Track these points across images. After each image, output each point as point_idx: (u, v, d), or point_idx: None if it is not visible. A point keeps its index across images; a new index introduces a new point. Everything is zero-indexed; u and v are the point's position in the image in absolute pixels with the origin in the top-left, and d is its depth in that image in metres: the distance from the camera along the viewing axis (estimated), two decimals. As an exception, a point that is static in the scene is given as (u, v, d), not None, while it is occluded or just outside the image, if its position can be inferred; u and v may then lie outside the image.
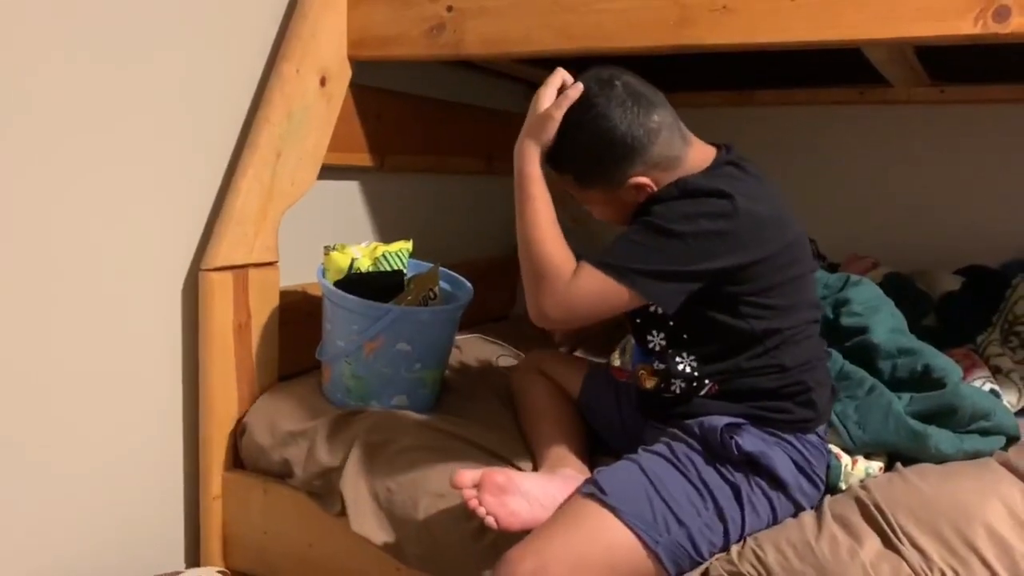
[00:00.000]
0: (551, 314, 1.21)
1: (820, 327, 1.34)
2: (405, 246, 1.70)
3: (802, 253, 1.27)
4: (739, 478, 1.19)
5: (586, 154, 1.25)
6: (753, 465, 1.20)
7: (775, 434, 1.23)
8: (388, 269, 1.64)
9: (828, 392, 1.33)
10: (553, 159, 1.28)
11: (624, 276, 1.18)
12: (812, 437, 1.27)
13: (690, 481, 1.18)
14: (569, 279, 1.19)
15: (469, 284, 1.70)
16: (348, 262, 1.61)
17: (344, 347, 1.54)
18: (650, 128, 1.23)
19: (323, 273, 1.60)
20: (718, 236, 1.17)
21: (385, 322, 1.49)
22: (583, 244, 1.35)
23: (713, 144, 1.31)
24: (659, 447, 1.23)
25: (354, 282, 1.57)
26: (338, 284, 1.56)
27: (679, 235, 1.17)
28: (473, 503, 1.20)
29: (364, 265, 1.62)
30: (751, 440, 1.21)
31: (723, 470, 1.20)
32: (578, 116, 1.24)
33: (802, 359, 1.26)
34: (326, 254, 1.62)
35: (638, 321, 1.31)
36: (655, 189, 1.25)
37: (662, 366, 1.27)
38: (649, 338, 1.31)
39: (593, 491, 1.16)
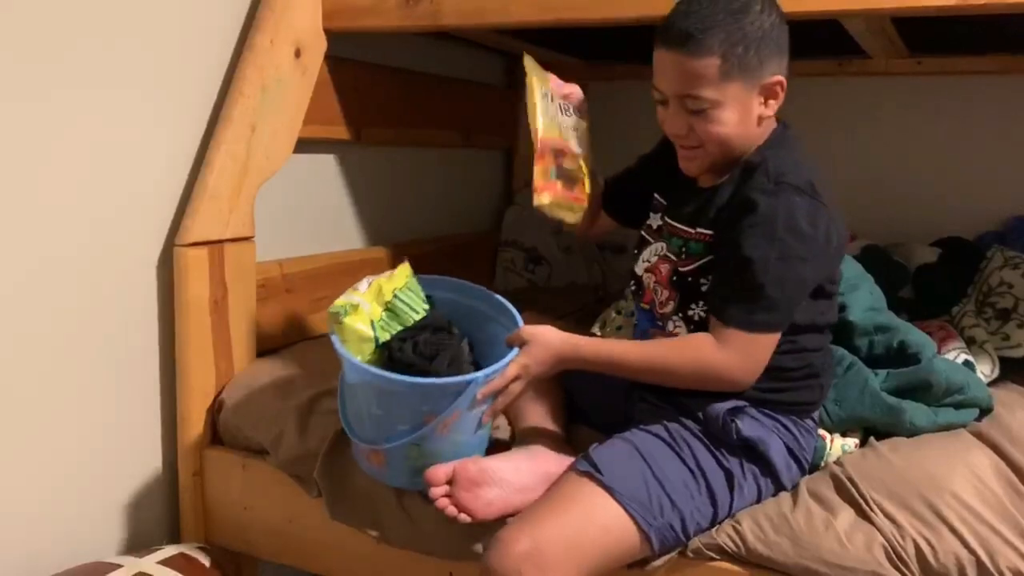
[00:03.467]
0: (743, 387, 1.20)
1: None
2: (405, 273, 1.37)
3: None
4: (733, 463, 1.20)
5: (760, 38, 1.17)
6: (749, 451, 1.20)
7: (774, 417, 1.23)
8: (407, 311, 1.34)
9: (830, 379, 1.35)
10: (705, 43, 1.15)
11: (778, 321, 1.18)
12: (808, 422, 1.29)
13: (685, 464, 1.18)
14: (724, 355, 1.16)
15: (513, 308, 1.37)
16: (368, 322, 1.30)
17: (410, 431, 1.24)
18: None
19: (339, 344, 1.27)
20: (826, 243, 1.19)
21: (469, 393, 1.22)
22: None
23: None
24: (655, 427, 1.22)
25: (405, 357, 1.28)
26: (393, 367, 1.27)
27: (809, 248, 1.16)
28: (442, 503, 1.19)
29: (376, 315, 1.31)
30: (751, 425, 1.20)
31: (719, 454, 1.19)
32: (759, 3, 1.19)
33: (821, 344, 1.28)
34: (338, 323, 1.29)
35: (679, 291, 1.27)
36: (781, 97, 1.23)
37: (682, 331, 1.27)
38: (691, 308, 1.26)
39: (589, 470, 1.15)
